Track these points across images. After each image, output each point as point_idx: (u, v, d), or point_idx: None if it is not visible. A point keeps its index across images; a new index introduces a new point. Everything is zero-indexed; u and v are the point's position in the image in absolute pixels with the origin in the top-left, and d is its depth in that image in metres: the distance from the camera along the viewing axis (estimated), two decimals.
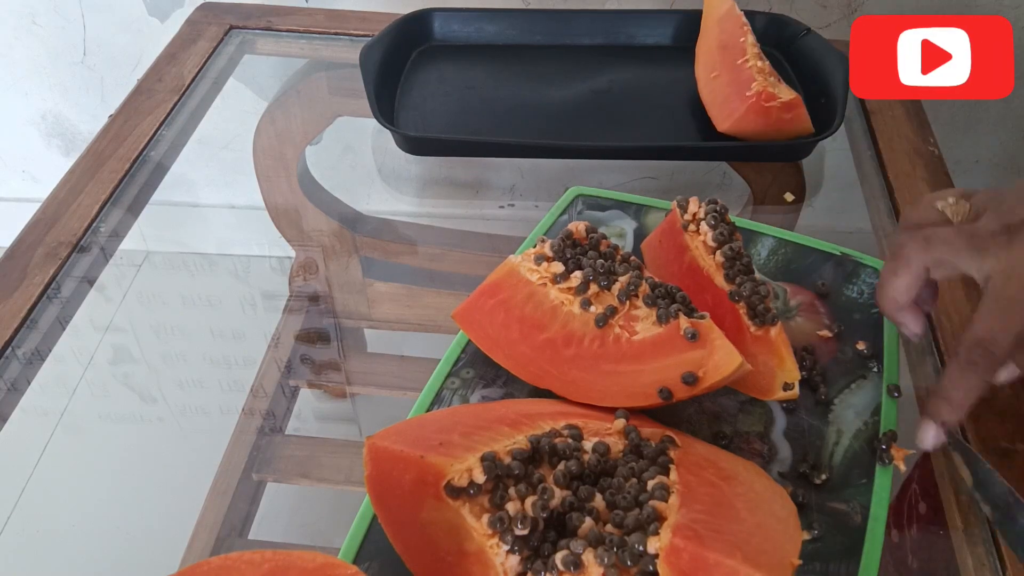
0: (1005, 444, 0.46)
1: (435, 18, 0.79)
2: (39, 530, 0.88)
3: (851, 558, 0.37)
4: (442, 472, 0.34)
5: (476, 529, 0.33)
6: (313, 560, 0.31)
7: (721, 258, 0.46)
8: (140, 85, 0.74)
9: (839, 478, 0.41)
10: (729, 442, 0.43)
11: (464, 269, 0.76)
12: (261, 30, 0.83)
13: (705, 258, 0.47)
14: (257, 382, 0.71)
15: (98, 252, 0.60)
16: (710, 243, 0.47)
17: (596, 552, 0.32)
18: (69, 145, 1.27)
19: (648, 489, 0.35)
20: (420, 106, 0.72)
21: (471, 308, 0.46)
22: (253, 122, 0.82)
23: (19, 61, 1.16)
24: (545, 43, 0.80)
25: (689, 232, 0.48)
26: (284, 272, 0.77)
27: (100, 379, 0.84)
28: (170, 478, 0.84)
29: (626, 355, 0.42)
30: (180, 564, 0.49)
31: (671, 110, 0.73)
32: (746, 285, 0.44)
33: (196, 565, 0.32)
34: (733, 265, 0.46)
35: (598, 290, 0.44)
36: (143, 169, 0.67)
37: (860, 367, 0.46)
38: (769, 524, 0.33)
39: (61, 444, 0.87)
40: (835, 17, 1.05)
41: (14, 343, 0.52)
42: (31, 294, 0.54)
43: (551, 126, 0.70)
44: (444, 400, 0.44)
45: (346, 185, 0.91)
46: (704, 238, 0.47)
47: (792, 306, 0.50)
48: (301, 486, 0.70)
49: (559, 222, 0.56)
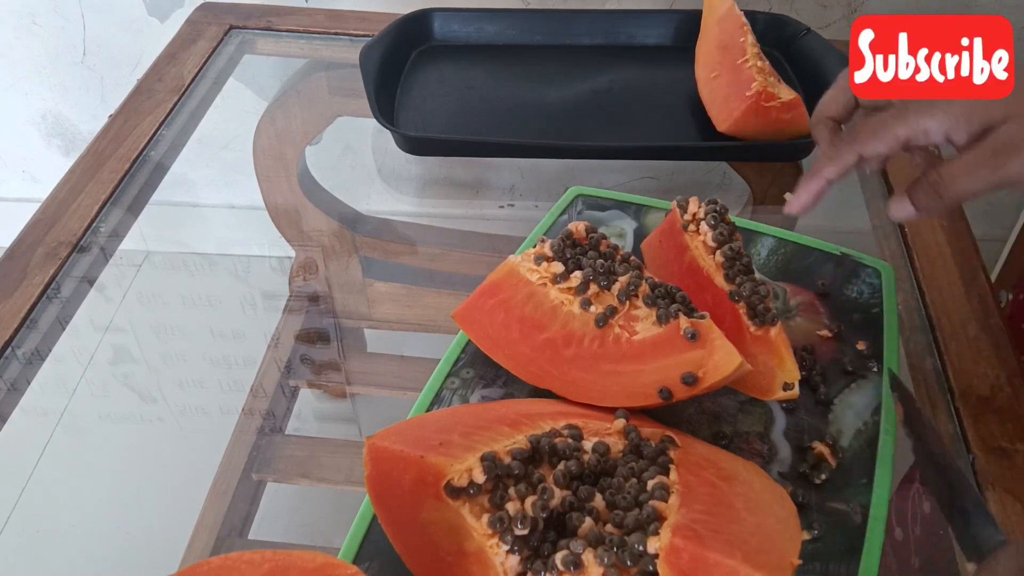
0: (1005, 444, 0.46)
1: (435, 18, 0.79)
2: (39, 530, 0.88)
3: (851, 558, 0.37)
4: (442, 472, 0.34)
5: (476, 529, 0.33)
6: (313, 560, 0.31)
7: (721, 258, 0.46)
8: (140, 85, 0.74)
9: (839, 478, 0.41)
10: (729, 442, 0.43)
11: (464, 269, 0.76)
12: (261, 30, 0.83)
13: (705, 258, 0.47)
14: (257, 382, 0.71)
15: (98, 252, 0.60)
16: (710, 243, 0.47)
17: (596, 552, 0.32)
18: (69, 145, 1.27)
19: (648, 489, 0.35)
20: (420, 106, 0.72)
21: (471, 308, 0.46)
22: (253, 122, 0.82)
23: (19, 61, 1.16)
24: (545, 43, 0.80)
25: (689, 232, 0.48)
26: (284, 272, 0.77)
27: (100, 379, 0.84)
28: (170, 478, 0.84)
29: (626, 355, 0.42)
30: (180, 564, 0.49)
31: (671, 110, 0.72)
32: (746, 285, 0.44)
33: (196, 565, 0.32)
34: (733, 265, 0.46)
35: (598, 290, 0.44)
36: (143, 169, 0.67)
37: (860, 367, 0.46)
38: (769, 524, 0.33)
39: (61, 444, 0.87)
40: (835, 17, 1.05)
41: (14, 343, 0.52)
42: (31, 294, 0.54)
43: (551, 126, 0.70)
44: (444, 400, 0.44)
45: (346, 185, 0.91)
46: (704, 238, 0.47)
47: (792, 306, 0.50)
48: (301, 486, 0.70)
49: (559, 222, 0.56)
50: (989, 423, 0.47)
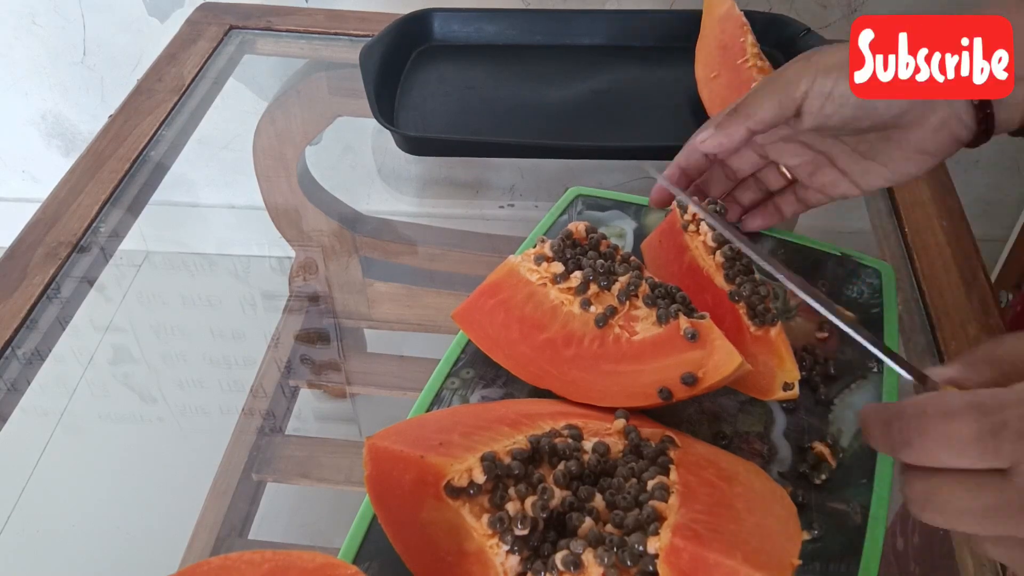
0: None
1: (435, 18, 0.79)
2: (39, 530, 0.88)
3: (851, 558, 0.37)
4: (442, 472, 0.34)
5: (476, 529, 0.33)
6: (313, 560, 0.31)
7: (721, 258, 0.46)
8: (140, 85, 0.74)
9: (839, 478, 0.41)
10: (729, 442, 0.43)
11: (464, 269, 0.76)
12: (261, 30, 0.83)
13: (705, 258, 0.47)
14: (257, 382, 0.71)
15: (98, 252, 0.60)
16: (710, 243, 0.47)
17: (596, 552, 0.32)
18: (69, 145, 1.27)
19: (648, 489, 0.35)
20: (420, 106, 0.72)
21: (471, 308, 0.46)
22: (253, 122, 0.82)
23: (19, 61, 1.16)
24: (545, 43, 0.80)
25: (689, 232, 0.48)
26: (284, 272, 0.77)
27: (100, 379, 0.85)
28: (170, 478, 0.84)
29: (626, 355, 0.42)
30: (180, 564, 0.49)
31: (671, 110, 0.72)
32: (746, 285, 0.44)
33: (196, 565, 0.32)
34: (733, 265, 0.46)
35: (598, 290, 0.44)
36: (143, 169, 0.67)
37: (860, 367, 0.46)
38: (769, 524, 0.33)
39: (61, 444, 0.87)
40: (835, 17, 1.05)
41: (14, 343, 0.52)
42: (31, 294, 0.54)
43: (551, 126, 0.70)
44: (444, 400, 0.44)
45: (346, 185, 0.91)
46: (704, 238, 0.47)
47: (792, 306, 0.50)
48: (301, 486, 0.71)
49: (559, 222, 0.56)
50: None
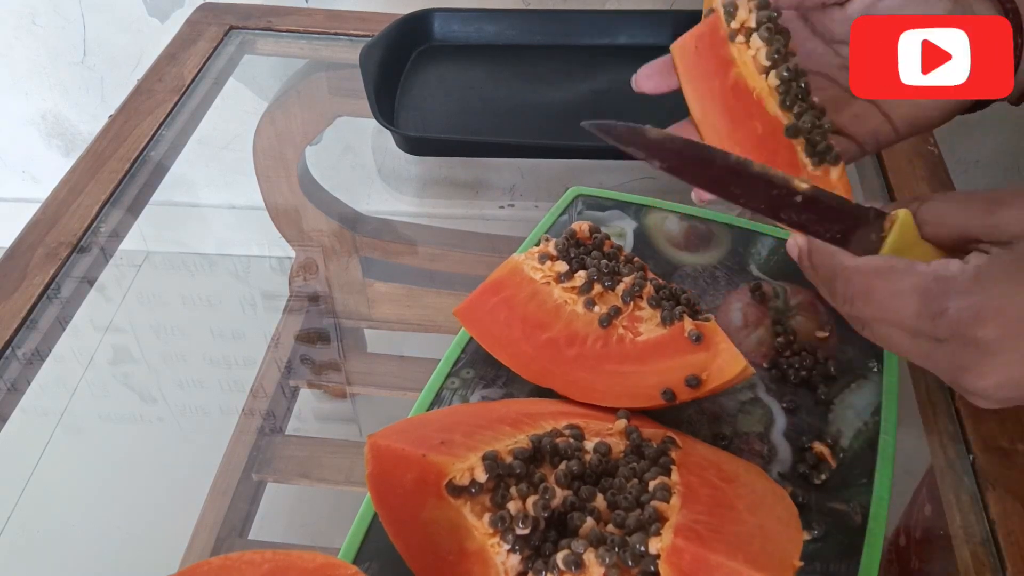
0: (1005, 444, 0.46)
1: (435, 18, 0.79)
2: (39, 530, 0.88)
3: (851, 558, 0.37)
4: (444, 471, 0.34)
5: (477, 528, 0.33)
6: (313, 560, 0.31)
7: (776, 80, 0.38)
8: (140, 85, 0.74)
9: (839, 478, 0.41)
10: (729, 443, 0.43)
11: (464, 269, 0.76)
12: (261, 30, 0.83)
13: (756, 77, 0.40)
14: (257, 382, 0.71)
15: (98, 252, 0.60)
16: (763, 61, 0.39)
17: (597, 552, 0.32)
18: (69, 145, 1.27)
19: (649, 490, 0.35)
20: (420, 106, 0.72)
21: (473, 305, 0.46)
22: (253, 122, 0.82)
23: (19, 61, 1.16)
24: (545, 43, 0.80)
25: (737, 43, 0.40)
26: (284, 272, 0.77)
27: (100, 379, 0.84)
28: (170, 478, 0.84)
29: (629, 356, 0.42)
30: (180, 564, 0.49)
31: (671, 110, 0.72)
32: (806, 117, 0.37)
33: (196, 565, 0.32)
34: (790, 89, 0.38)
35: (602, 290, 0.44)
36: (143, 169, 0.67)
37: (860, 367, 0.46)
38: (770, 525, 0.33)
39: (61, 444, 0.87)
40: None
41: (14, 343, 0.52)
42: (31, 294, 0.54)
43: (551, 126, 0.70)
44: (444, 400, 0.44)
45: (346, 185, 0.91)
46: (756, 54, 0.39)
47: (792, 305, 0.50)
48: (301, 486, 0.71)
49: (559, 222, 0.56)
50: (989, 423, 0.47)
